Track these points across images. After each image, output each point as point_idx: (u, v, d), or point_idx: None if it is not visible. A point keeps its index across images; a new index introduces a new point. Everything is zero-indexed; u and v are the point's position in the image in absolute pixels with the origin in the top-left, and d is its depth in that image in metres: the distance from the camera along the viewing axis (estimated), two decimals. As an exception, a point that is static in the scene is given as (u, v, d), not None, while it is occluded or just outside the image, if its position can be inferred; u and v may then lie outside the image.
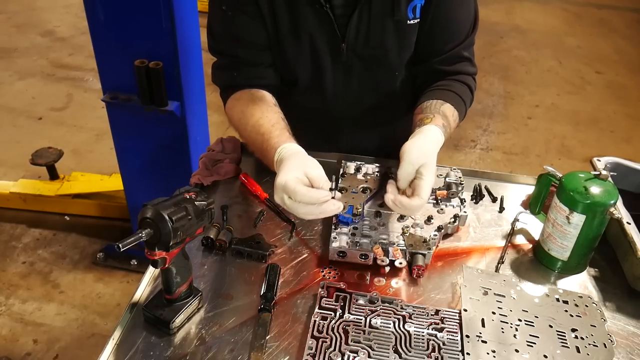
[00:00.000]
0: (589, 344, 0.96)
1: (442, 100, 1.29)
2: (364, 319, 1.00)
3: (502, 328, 0.99)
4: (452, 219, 1.21)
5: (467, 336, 0.97)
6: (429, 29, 1.30)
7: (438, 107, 1.27)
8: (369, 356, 0.94)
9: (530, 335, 0.98)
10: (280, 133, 1.21)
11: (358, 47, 1.31)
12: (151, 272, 1.11)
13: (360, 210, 1.20)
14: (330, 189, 1.06)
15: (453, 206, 1.24)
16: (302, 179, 1.05)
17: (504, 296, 1.05)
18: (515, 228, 1.26)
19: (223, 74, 1.39)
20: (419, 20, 1.29)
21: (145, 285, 1.09)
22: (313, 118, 1.45)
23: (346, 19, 1.27)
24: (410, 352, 0.95)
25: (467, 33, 1.33)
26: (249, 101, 1.31)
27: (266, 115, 1.26)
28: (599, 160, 1.30)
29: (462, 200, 1.26)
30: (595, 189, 1.08)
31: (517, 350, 0.95)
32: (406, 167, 1.11)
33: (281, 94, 1.40)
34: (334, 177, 1.09)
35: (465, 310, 1.02)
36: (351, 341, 0.96)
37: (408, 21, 1.28)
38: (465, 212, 1.23)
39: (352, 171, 1.33)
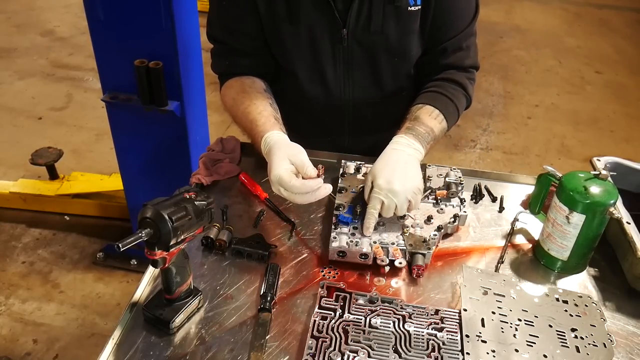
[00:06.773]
0: (589, 344, 0.97)
1: (426, 104, 1.34)
2: (363, 318, 1.00)
3: (502, 328, 0.99)
4: (452, 219, 1.21)
5: (467, 336, 0.97)
6: (430, 17, 1.32)
7: (418, 112, 1.32)
8: (369, 356, 0.94)
9: (530, 335, 0.98)
10: (265, 121, 1.26)
11: (358, 32, 1.32)
12: (151, 272, 1.11)
13: (360, 210, 1.20)
14: (318, 176, 1.12)
15: (453, 206, 1.24)
16: (291, 168, 1.12)
17: (504, 296, 1.05)
18: (515, 228, 1.26)
19: (218, 61, 1.44)
20: (420, 7, 1.30)
21: (145, 285, 1.09)
22: (315, 111, 1.46)
23: (347, 3, 1.28)
24: (410, 351, 0.95)
25: (466, 23, 1.36)
26: (240, 90, 1.37)
27: (254, 103, 1.31)
28: (599, 160, 1.30)
29: (462, 200, 1.26)
30: (595, 189, 1.08)
31: (516, 350, 0.95)
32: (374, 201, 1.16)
33: (283, 87, 1.42)
34: (320, 165, 1.14)
35: (465, 310, 1.02)
36: (351, 341, 0.96)
37: (409, 7, 1.30)
38: (465, 211, 1.23)
39: (352, 171, 1.34)
